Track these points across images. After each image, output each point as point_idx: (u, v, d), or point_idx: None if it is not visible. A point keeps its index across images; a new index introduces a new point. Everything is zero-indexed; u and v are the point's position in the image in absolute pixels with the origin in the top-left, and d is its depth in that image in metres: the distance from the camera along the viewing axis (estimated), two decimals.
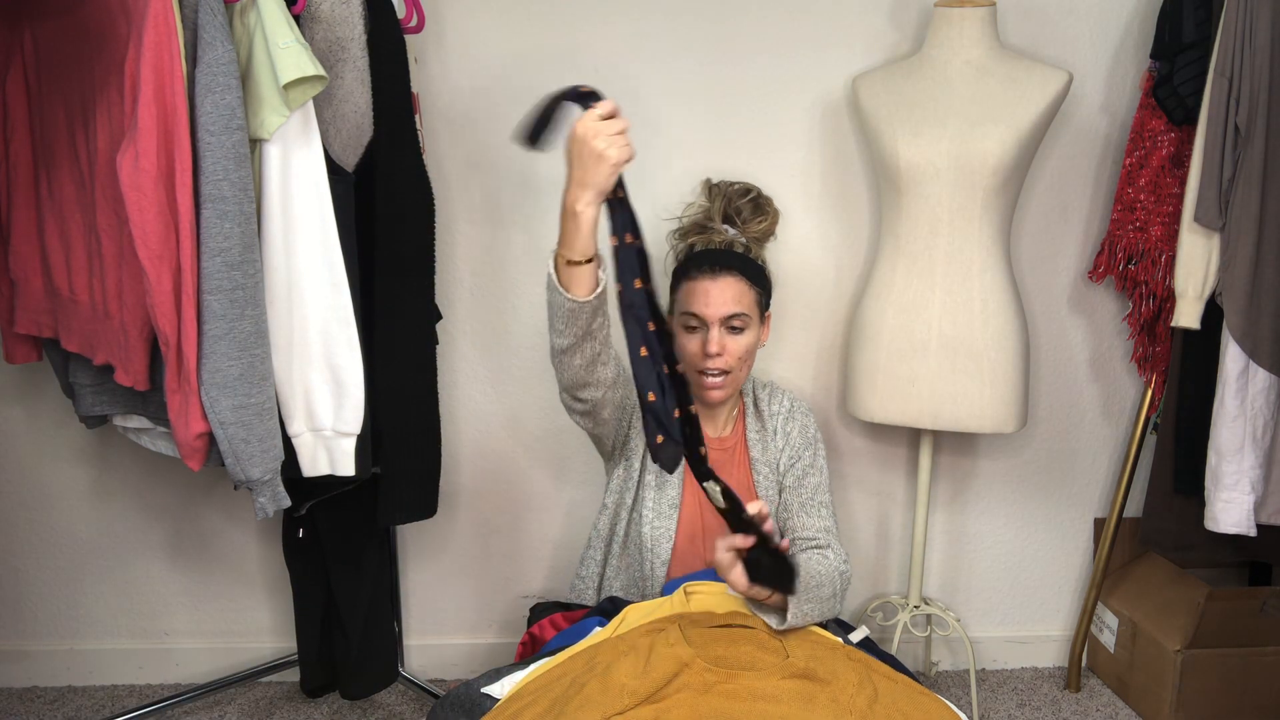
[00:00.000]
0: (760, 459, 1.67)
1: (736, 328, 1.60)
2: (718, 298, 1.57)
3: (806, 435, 1.69)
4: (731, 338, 1.60)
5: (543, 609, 1.68)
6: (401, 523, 1.85)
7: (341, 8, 1.51)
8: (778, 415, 1.70)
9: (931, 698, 1.27)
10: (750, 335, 1.61)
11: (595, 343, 1.42)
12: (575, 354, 1.42)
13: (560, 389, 1.51)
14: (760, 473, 1.66)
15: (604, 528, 1.70)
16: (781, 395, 1.73)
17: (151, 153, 1.32)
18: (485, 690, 1.34)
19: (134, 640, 2.21)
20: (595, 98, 1.30)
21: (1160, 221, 1.92)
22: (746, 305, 1.60)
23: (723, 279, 1.58)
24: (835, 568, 1.48)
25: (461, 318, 2.08)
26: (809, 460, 1.67)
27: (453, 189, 2.02)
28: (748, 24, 1.98)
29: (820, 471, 1.68)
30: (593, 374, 1.45)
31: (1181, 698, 2.01)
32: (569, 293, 1.35)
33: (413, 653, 2.24)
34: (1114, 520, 2.14)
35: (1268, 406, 1.76)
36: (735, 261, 1.61)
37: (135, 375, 1.50)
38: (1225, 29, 1.70)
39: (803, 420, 1.70)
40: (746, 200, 1.71)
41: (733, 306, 1.58)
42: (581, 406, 1.51)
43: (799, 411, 1.71)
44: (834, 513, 1.66)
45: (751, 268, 1.63)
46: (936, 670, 2.28)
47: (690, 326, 1.62)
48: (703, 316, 1.58)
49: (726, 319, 1.58)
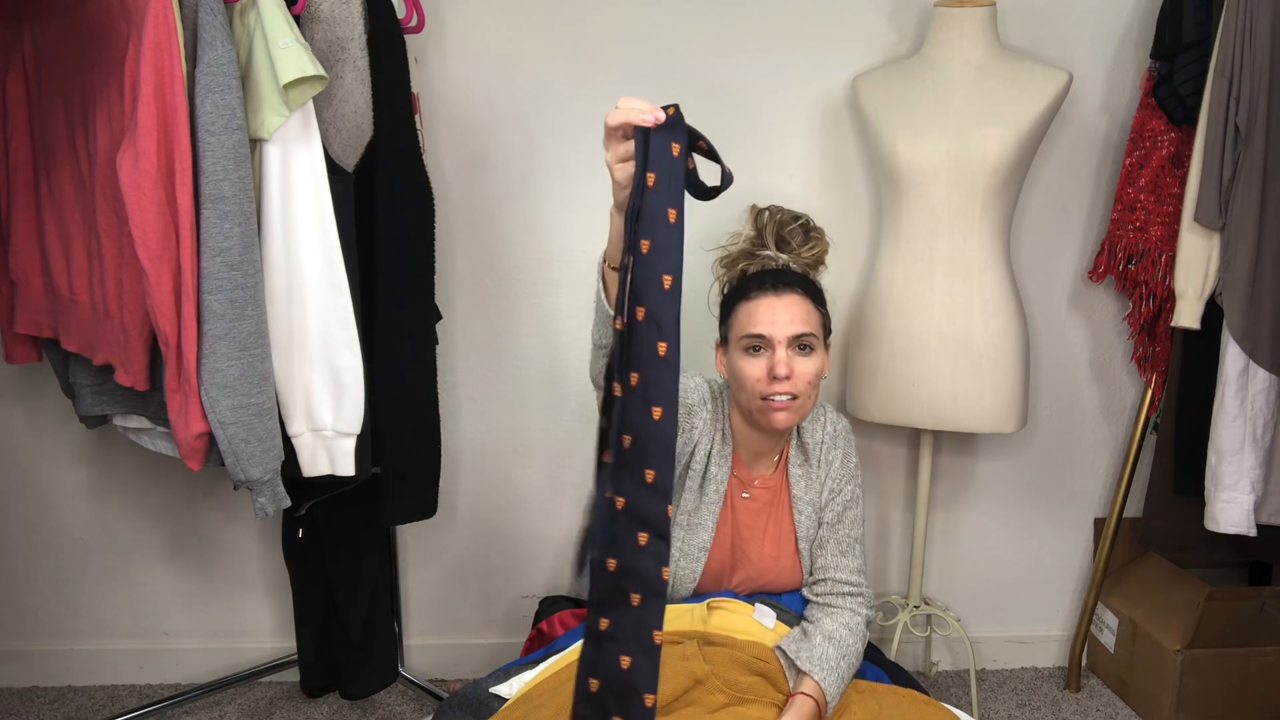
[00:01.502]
0: (803, 498, 1.56)
1: (806, 346, 1.45)
2: (784, 315, 1.44)
3: (848, 466, 1.58)
4: (801, 360, 1.45)
5: (551, 603, 1.67)
6: (401, 523, 1.85)
7: (341, 8, 1.51)
8: (821, 444, 1.58)
9: (937, 707, 1.28)
10: (818, 360, 1.47)
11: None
12: (601, 359, 1.32)
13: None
14: (802, 513, 1.56)
15: None
16: (824, 416, 1.61)
17: (151, 153, 1.32)
18: (493, 690, 1.34)
19: (134, 640, 2.21)
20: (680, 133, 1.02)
21: (1160, 221, 1.92)
22: (814, 326, 1.46)
23: (787, 296, 1.45)
24: (859, 631, 1.45)
25: (461, 318, 2.08)
26: (849, 495, 1.57)
27: (453, 189, 2.02)
28: (748, 24, 1.98)
29: (858, 503, 1.57)
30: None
31: (1181, 698, 2.01)
32: (605, 293, 1.23)
33: (413, 653, 2.24)
34: (1114, 520, 2.14)
35: (1268, 406, 1.76)
36: (798, 280, 1.49)
37: (135, 375, 1.50)
38: (1225, 29, 1.70)
39: (845, 448, 1.59)
40: (797, 226, 1.58)
41: (801, 325, 1.44)
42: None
43: (841, 438, 1.59)
44: (864, 547, 1.58)
45: (814, 288, 1.51)
46: (936, 670, 2.28)
47: (753, 348, 1.46)
48: (769, 336, 1.44)
49: (795, 338, 1.44)
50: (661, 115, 0.99)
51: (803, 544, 1.56)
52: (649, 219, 0.95)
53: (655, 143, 0.98)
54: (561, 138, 2.01)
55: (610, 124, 1.02)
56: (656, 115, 0.99)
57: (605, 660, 0.88)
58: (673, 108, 1.00)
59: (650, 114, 0.99)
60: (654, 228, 0.95)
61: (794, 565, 1.56)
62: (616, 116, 1.01)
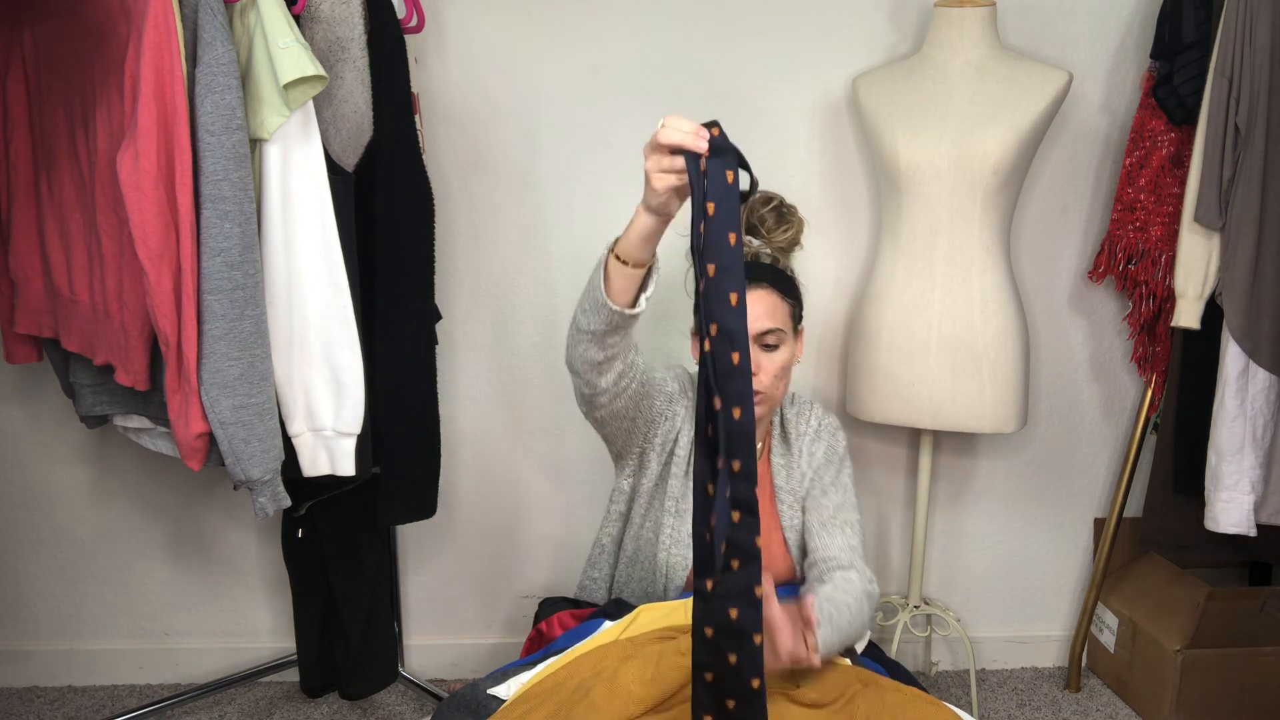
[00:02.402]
0: (784, 487, 1.59)
1: (770, 345, 1.50)
2: (749, 313, 1.45)
3: (831, 454, 1.61)
4: (766, 356, 1.49)
5: (550, 604, 1.67)
6: (401, 523, 1.85)
7: (341, 8, 1.51)
8: (804, 436, 1.62)
9: (939, 706, 1.27)
10: (785, 352, 1.51)
11: (602, 352, 1.35)
12: (585, 343, 1.35)
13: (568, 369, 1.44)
14: (784, 502, 1.59)
15: (613, 534, 1.66)
16: (810, 413, 1.64)
17: (151, 153, 1.32)
18: (491, 691, 1.33)
19: (134, 640, 2.21)
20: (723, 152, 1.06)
21: (1160, 221, 1.92)
22: (780, 320, 1.50)
23: (753, 292, 1.48)
24: (859, 589, 1.43)
25: (461, 318, 2.08)
26: (830, 478, 1.59)
27: (453, 189, 2.02)
28: (748, 24, 1.98)
29: (843, 490, 1.59)
30: (590, 372, 1.39)
31: (1181, 698, 2.01)
32: (605, 283, 1.27)
33: (413, 653, 2.24)
34: (1114, 520, 2.14)
35: (1268, 406, 1.76)
36: (765, 274, 1.52)
37: (135, 375, 1.50)
38: (1225, 29, 1.70)
39: (829, 440, 1.62)
40: (769, 209, 1.61)
41: (766, 322, 1.48)
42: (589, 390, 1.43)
43: (825, 431, 1.63)
44: (861, 533, 1.57)
45: (782, 279, 1.54)
46: (936, 670, 2.28)
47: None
48: None
49: (760, 336, 1.48)
50: (706, 136, 1.05)
51: (789, 533, 1.58)
52: (713, 245, 1.03)
53: (713, 172, 1.04)
54: (561, 138, 2.01)
55: (662, 141, 1.06)
56: (704, 136, 1.05)
57: (715, 613, 1.03)
58: (716, 127, 1.06)
59: (702, 140, 1.04)
60: (718, 252, 1.02)
61: (783, 554, 1.58)
62: (669, 137, 1.05)
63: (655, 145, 1.08)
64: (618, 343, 1.35)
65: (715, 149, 1.05)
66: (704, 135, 1.05)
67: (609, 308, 1.28)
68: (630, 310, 1.29)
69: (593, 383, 1.40)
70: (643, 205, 1.18)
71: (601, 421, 1.51)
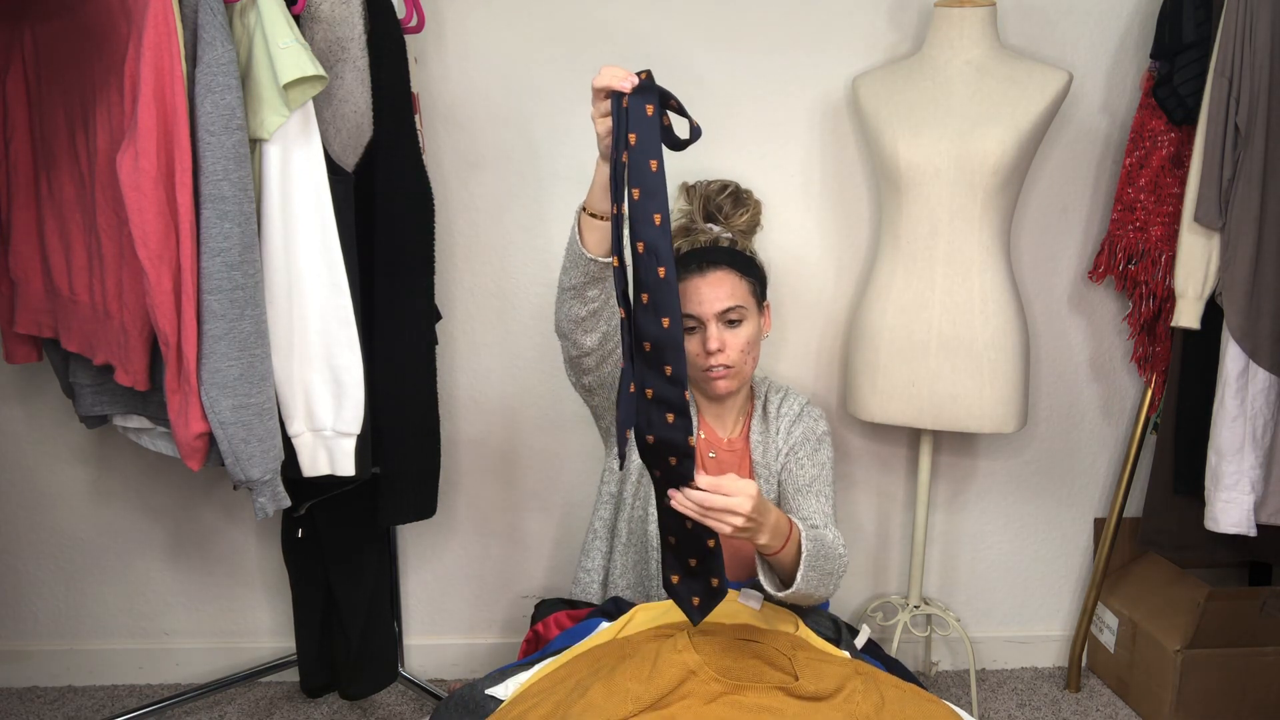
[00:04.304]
0: (760, 462, 1.66)
1: (734, 320, 1.59)
2: (709, 294, 1.57)
3: (809, 434, 1.67)
4: (730, 332, 1.59)
5: (547, 606, 1.68)
6: (401, 523, 1.85)
7: (341, 8, 1.51)
8: (784, 418, 1.69)
9: (938, 704, 1.27)
10: (750, 327, 1.61)
11: (584, 306, 1.46)
12: (568, 301, 1.47)
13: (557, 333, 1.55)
14: (760, 476, 1.65)
15: (605, 518, 1.70)
16: (793, 400, 1.71)
17: (151, 153, 1.32)
18: (489, 692, 1.33)
19: (134, 640, 2.21)
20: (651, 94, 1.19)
21: (1160, 221, 1.92)
22: (740, 297, 1.59)
23: (712, 274, 1.58)
24: (837, 545, 1.47)
25: (461, 318, 2.08)
26: (806, 453, 1.65)
27: (452, 189, 2.02)
28: (748, 24, 1.98)
29: (820, 466, 1.65)
30: (576, 331, 1.49)
31: (1181, 698, 2.01)
32: (580, 239, 1.41)
33: (413, 653, 2.24)
34: (1114, 520, 2.14)
35: (1268, 406, 1.76)
36: (722, 256, 1.61)
37: (135, 375, 1.50)
38: (1225, 29, 1.70)
39: (809, 423, 1.68)
40: (725, 196, 1.71)
41: (726, 301, 1.57)
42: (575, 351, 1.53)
43: (807, 416, 1.69)
44: (834, 505, 1.64)
45: (740, 259, 1.63)
46: (936, 670, 2.28)
47: (689, 328, 1.61)
48: (698, 315, 1.58)
49: (722, 314, 1.58)
50: (636, 80, 1.18)
51: None
52: (635, 170, 1.15)
53: (633, 106, 1.17)
54: (561, 138, 2.01)
55: (595, 85, 1.21)
56: (632, 80, 1.18)
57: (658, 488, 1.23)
58: (645, 73, 1.19)
59: (627, 80, 1.18)
60: (640, 177, 1.15)
61: None
62: (600, 80, 1.20)
63: (595, 93, 1.22)
64: (598, 296, 1.46)
65: (639, 89, 1.18)
66: (632, 79, 1.18)
67: (585, 257, 1.41)
68: (606, 259, 1.41)
69: (579, 343, 1.51)
70: (600, 156, 1.31)
71: (589, 389, 1.59)
